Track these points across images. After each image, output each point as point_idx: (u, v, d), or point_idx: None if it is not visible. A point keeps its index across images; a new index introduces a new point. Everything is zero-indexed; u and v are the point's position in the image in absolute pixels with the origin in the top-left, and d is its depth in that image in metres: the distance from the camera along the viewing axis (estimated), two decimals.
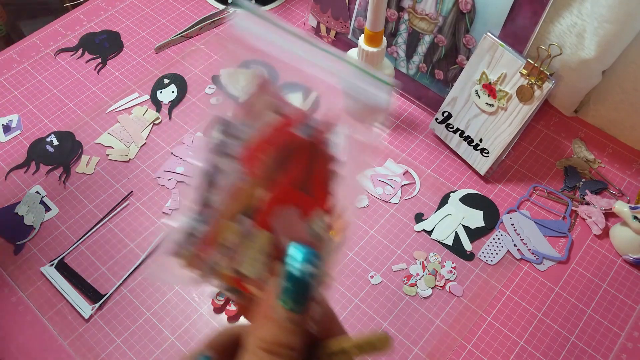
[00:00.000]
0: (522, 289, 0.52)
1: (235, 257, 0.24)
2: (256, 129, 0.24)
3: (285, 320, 0.22)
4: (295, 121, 0.24)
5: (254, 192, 0.23)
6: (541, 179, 0.60)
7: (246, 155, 0.24)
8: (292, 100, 0.26)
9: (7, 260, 0.54)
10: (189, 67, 0.71)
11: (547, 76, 0.52)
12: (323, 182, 0.25)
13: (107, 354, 0.49)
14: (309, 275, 0.22)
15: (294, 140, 0.24)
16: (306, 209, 0.24)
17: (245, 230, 0.24)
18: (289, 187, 0.24)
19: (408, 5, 0.60)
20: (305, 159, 0.24)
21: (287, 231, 0.24)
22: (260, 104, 0.25)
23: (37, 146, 0.63)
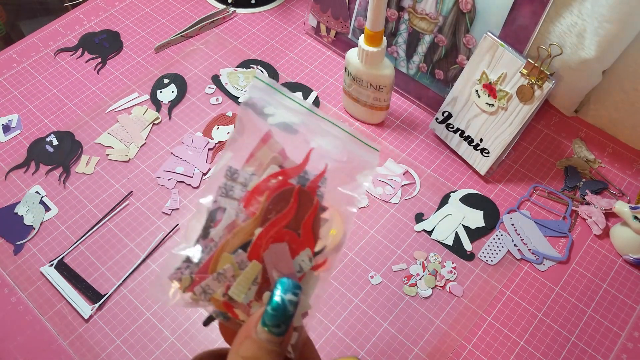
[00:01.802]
0: (522, 289, 0.52)
1: (228, 284, 0.27)
2: (259, 178, 0.29)
3: (265, 341, 0.25)
4: (291, 173, 0.29)
5: (253, 231, 0.27)
6: (541, 179, 0.60)
7: (247, 198, 0.28)
8: (293, 99, 0.31)
9: (7, 260, 0.54)
10: (188, 67, 0.71)
11: (547, 76, 0.51)
12: (311, 225, 0.28)
13: (107, 354, 0.49)
14: (290, 303, 0.25)
15: (289, 189, 0.28)
16: (294, 247, 0.28)
17: (239, 262, 0.27)
18: (281, 227, 0.28)
19: (408, 5, 0.60)
20: (296, 205, 0.28)
21: (276, 265, 0.27)
22: (265, 158, 0.30)
23: (36, 146, 0.63)
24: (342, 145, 0.31)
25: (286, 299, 0.25)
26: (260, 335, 0.25)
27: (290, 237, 0.28)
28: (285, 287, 0.26)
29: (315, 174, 0.29)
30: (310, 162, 0.30)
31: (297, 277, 0.28)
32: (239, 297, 0.27)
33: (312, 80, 0.69)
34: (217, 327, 0.31)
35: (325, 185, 0.30)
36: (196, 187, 0.59)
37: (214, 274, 0.27)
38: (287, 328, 0.25)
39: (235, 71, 0.70)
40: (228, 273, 0.27)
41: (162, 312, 0.51)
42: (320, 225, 0.29)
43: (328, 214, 0.30)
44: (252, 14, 0.78)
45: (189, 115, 0.66)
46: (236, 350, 0.25)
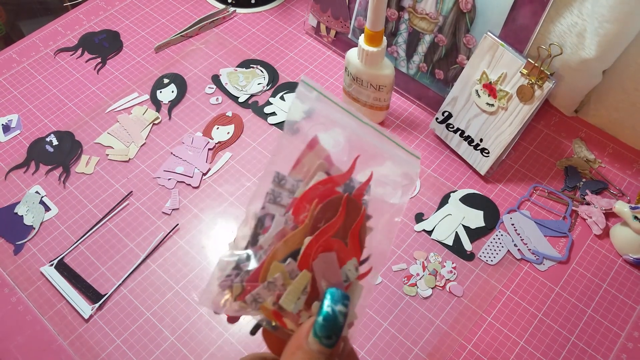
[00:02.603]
0: (522, 289, 0.52)
1: (278, 293, 0.27)
2: (306, 185, 0.29)
3: (317, 352, 0.25)
4: (339, 181, 0.29)
5: (302, 239, 0.27)
6: (541, 178, 0.60)
7: (295, 206, 0.28)
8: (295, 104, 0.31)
9: (7, 260, 0.54)
10: (188, 67, 0.71)
11: (547, 76, 0.51)
12: (358, 233, 0.29)
13: (107, 354, 0.49)
14: (340, 314, 0.25)
15: (337, 197, 0.28)
16: (342, 256, 0.28)
17: (290, 270, 0.27)
18: (330, 235, 0.28)
19: (408, 4, 0.60)
20: (344, 213, 0.28)
21: (324, 274, 0.27)
22: (312, 164, 0.30)
23: (36, 146, 0.63)
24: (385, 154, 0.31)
25: (336, 309, 0.25)
26: (312, 346, 0.25)
27: (338, 246, 0.28)
28: (335, 297, 0.26)
29: (361, 182, 0.30)
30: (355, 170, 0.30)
31: (343, 287, 0.28)
32: (289, 306, 0.27)
33: None
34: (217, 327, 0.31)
35: (370, 193, 0.30)
36: (196, 187, 0.59)
37: (264, 282, 0.27)
38: (337, 339, 0.25)
39: (235, 71, 0.70)
40: (278, 282, 0.27)
41: (162, 312, 0.51)
42: (366, 234, 0.29)
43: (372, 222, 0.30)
44: (252, 14, 0.78)
45: (189, 115, 0.66)
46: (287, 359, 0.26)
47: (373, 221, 0.30)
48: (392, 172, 0.31)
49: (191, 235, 0.56)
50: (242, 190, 0.59)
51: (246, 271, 0.28)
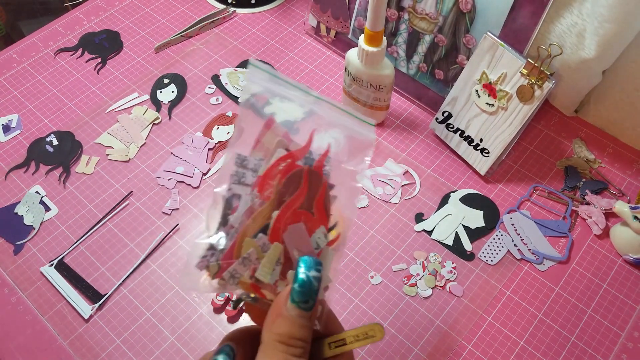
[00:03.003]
0: (522, 289, 0.52)
1: (253, 267, 0.29)
2: (267, 163, 0.30)
3: (297, 317, 0.27)
4: (298, 155, 0.31)
5: (270, 214, 0.29)
6: (541, 179, 0.60)
7: (260, 183, 0.30)
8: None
9: (7, 260, 0.54)
10: (188, 67, 0.71)
11: (547, 76, 0.51)
12: (322, 203, 0.30)
13: (107, 354, 0.49)
14: (315, 279, 0.27)
15: (299, 170, 0.30)
16: (310, 226, 0.29)
17: (262, 245, 0.29)
18: (296, 207, 0.29)
19: (408, 4, 0.60)
20: (307, 185, 0.30)
21: (296, 244, 0.29)
22: (271, 143, 0.31)
23: (36, 146, 0.63)
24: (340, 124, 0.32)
25: (310, 275, 0.27)
26: (291, 312, 0.27)
27: (305, 217, 0.29)
28: (308, 264, 0.28)
29: (320, 154, 0.31)
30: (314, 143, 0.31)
31: (315, 254, 0.29)
32: (266, 278, 0.28)
33: (312, 80, 0.69)
34: (217, 327, 0.31)
35: (330, 163, 0.31)
36: (196, 187, 0.59)
37: (239, 259, 0.29)
38: (314, 302, 0.27)
39: (235, 71, 0.70)
40: (252, 257, 0.29)
41: (162, 312, 0.51)
42: (331, 203, 0.31)
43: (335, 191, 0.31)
44: (252, 14, 0.78)
45: (189, 115, 0.66)
46: (269, 328, 0.27)
47: (336, 189, 0.31)
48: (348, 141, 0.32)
49: (191, 235, 0.56)
50: None
51: (220, 250, 0.29)
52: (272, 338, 0.27)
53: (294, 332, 0.27)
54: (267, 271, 0.29)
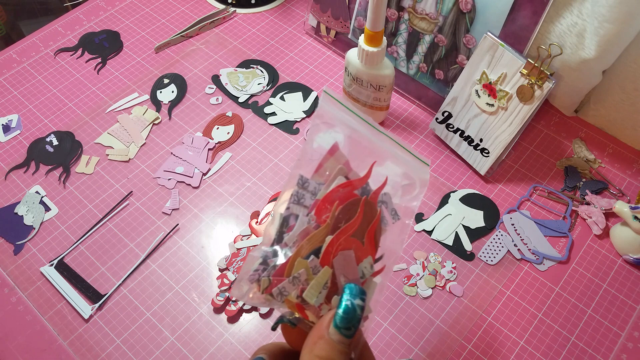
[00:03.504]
0: (522, 289, 0.52)
1: (302, 288, 0.30)
2: (327, 188, 0.32)
3: (337, 342, 0.27)
4: (357, 185, 0.32)
5: (324, 238, 0.30)
6: (541, 178, 0.60)
7: (318, 207, 0.31)
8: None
9: (7, 260, 0.54)
10: (188, 67, 0.71)
11: (547, 76, 0.51)
12: (373, 234, 0.31)
13: (107, 354, 0.49)
14: (359, 307, 0.28)
15: (356, 199, 0.31)
16: (359, 254, 0.30)
17: (313, 267, 0.30)
18: (349, 235, 0.30)
19: (408, 4, 0.60)
20: (362, 215, 0.31)
21: (343, 270, 0.30)
22: (332, 169, 0.32)
23: (36, 146, 0.63)
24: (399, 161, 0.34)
25: (355, 303, 0.28)
26: (333, 337, 0.27)
27: (356, 245, 0.30)
28: (354, 292, 0.28)
29: (377, 187, 0.32)
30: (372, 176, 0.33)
31: (360, 282, 0.30)
32: (312, 299, 0.29)
33: (312, 80, 0.69)
34: (217, 327, 0.32)
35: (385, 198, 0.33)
36: (196, 187, 0.59)
37: (289, 277, 0.30)
38: (355, 330, 0.28)
39: (235, 71, 0.70)
40: (302, 277, 0.30)
41: (162, 312, 0.51)
42: (380, 235, 0.32)
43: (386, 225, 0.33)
44: (252, 14, 0.78)
45: (189, 115, 0.66)
46: (310, 349, 0.28)
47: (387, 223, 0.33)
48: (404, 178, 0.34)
49: (191, 235, 0.56)
50: (242, 190, 0.59)
51: (273, 266, 0.30)
52: (311, 358, 0.27)
53: (333, 356, 0.27)
54: (314, 293, 0.29)
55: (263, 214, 0.56)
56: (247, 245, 0.55)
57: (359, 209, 0.31)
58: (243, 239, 0.55)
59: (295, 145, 0.63)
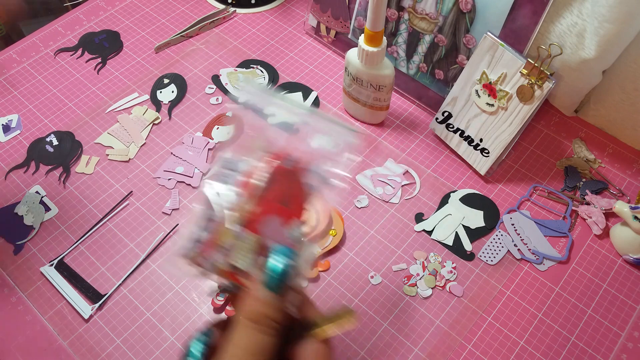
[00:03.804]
0: (522, 289, 0.52)
1: (230, 255, 0.31)
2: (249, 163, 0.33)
3: (267, 298, 0.29)
4: (279, 156, 0.34)
5: (249, 208, 0.32)
6: (541, 178, 0.60)
7: (243, 182, 0.33)
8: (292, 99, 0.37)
9: (7, 260, 0.54)
10: (188, 67, 0.71)
11: (547, 76, 0.51)
12: (298, 198, 0.33)
13: (107, 354, 0.49)
14: (285, 266, 0.29)
15: (279, 169, 0.33)
16: (286, 219, 0.32)
17: (238, 234, 0.31)
18: (273, 202, 0.32)
19: (408, 4, 0.60)
20: (285, 183, 0.33)
21: (271, 235, 0.31)
22: (253, 145, 0.34)
23: (36, 146, 0.63)
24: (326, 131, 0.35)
25: (281, 262, 0.30)
26: (263, 294, 0.29)
27: (281, 211, 0.32)
28: (279, 252, 0.30)
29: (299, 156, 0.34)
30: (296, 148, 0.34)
31: (290, 244, 0.31)
32: (240, 264, 0.31)
33: (312, 80, 0.69)
34: None
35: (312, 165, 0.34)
36: (196, 187, 0.59)
37: (217, 247, 0.32)
38: (284, 288, 0.29)
39: (235, 71, 0.70)
40: (229, 245, 0.31)
41: (162, 312, 0.51)
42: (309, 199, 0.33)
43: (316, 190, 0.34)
44: (252, 14, 0.78)
45: (189, 115, 0.66)
46: (242, 308, 0.29)
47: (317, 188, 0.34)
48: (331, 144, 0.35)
49: None
50: None
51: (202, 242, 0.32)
52: (243, 316, 0.29)
53: (263, 310, 0.29)
54: (241, 258, 0.31)
55: None
56: None
57: (280, 177, 0.33)
58: None
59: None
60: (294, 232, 0.32)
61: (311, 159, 0.34)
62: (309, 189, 0.33)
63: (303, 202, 0.33)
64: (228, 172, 0.34)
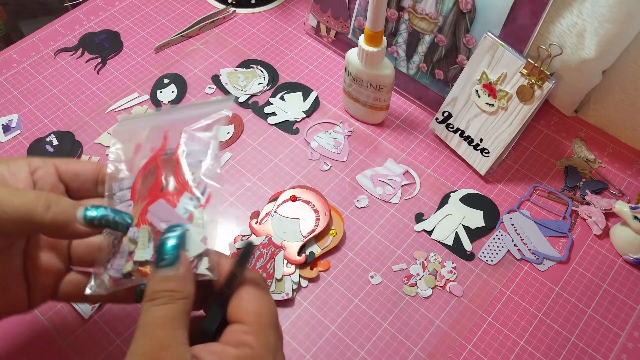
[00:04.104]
0: (522, 289, 0.52)
1: (133, 255, 0.33)
2: (133, 174, 0.37)
3: (164, 276, 0.30)
4: (157, 155, 0.37)
5: (137, 208, 0.35)
6: (541, 178, 0.60)
7: (131, 193, 0.36)
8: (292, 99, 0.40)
9: None
10: (188, 67, 0.71)
11: (547, 76, 0.51)
12: (180, 177, 0.36)
13: (107, 354, 0.49)
14: (168, 238, 0.31)
15: (151, 165, 0.36)
16: (173, 199, 0.34)
17: (133, 235, 0.34)
18: (154, 190, 0.35)
19: (408, 4, 0.60)
20: (166, 169, 0.36)
21: (163, 218, 0.34)
22: (136, 160, 0.37)
23: (36, 146, 0.63)
24: (195, 116, 0.38)
25: (166, 237, 0.31)
26: (158, 275, 0.30)
27: (163, 195, 0.35)
28: (167, 230, 0.32)
29: (175, 146, 0.37)
30: (173, 141, 0.37)
31: (185, 220, 0.34)
32: (143, 257, 0.33)
33: (312, 80, 0.69)
34: None
35: (186, 145, 0.37)
36: None
37: (117, 255, 0.34)
38: (172, 259, 0.31)
39: (235, 71, 0.70)
40: (127, 248, 0.34)
41: None
42: (185, 173, 0.36)
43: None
44: (252, 14, 0.78)
45: None
46: (145, 293, 0.31)
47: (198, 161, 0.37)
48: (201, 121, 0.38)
49: None
50: (242, 190, 0.59)
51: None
52: (143, 301, 0.30)
53: (157, 287, 0.30)
54: (142, 251, 0.33)
55: (263, 214, 0.56)
56: None
57: (157, 169, 0.36)
58: (243, 239, 0.55)
59: (296, 145, 0.63)
60: (188, 205, 0.34)
61: (186, 141, 0.37)
62: (189, 164, 0.36)
63: (185, 177, 0.35)
64: (121, 194, 0.36)
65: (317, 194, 0.56)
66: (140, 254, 0.33)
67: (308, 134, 0.64)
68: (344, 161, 0.62)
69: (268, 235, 0.54)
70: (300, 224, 0.54)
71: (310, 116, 0.66)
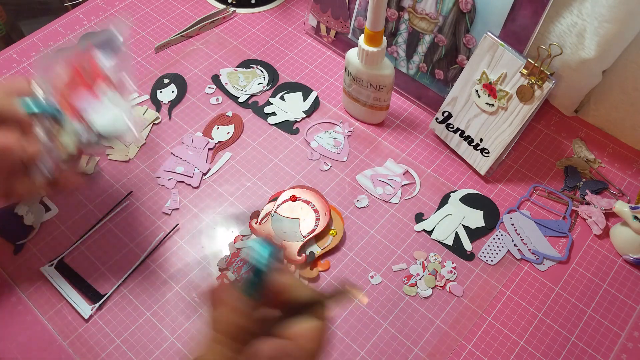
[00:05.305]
0: (522, 289, 0.52)
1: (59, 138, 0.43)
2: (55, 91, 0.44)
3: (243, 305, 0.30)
4: (78, 60, 0.46)
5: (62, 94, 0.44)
6: (541, 178, 0.60)
7: (60, 102, 0.44)
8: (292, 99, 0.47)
9: (7, 260, 0.54)
10: (188, 67, 0.71)
11: (547, 76, 0.51)
12: (99, 73, 0.45)
13: (107, 354, 0.49)
14: (265, 266, 0.31)
15: (74, 72, 0.45)
16: (90, 86, 0.43)
17: (49, 128, 0.43)
18: (74, 85, 0.44)
19: (408, 4, 0.60)
20: (77, 68, 0.45)
21: (87, 107, 0.44)
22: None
23: None
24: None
25: (262, 263, 0.30)
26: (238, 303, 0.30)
27: (85, 87, 0.43)
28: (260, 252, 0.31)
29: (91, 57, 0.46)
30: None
31: (96, 98, 0.42)
32: (70, 147, 0.43)
33: (312, 80, 0.69)
34: None
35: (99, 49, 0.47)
36: (196, 187, 0.59)
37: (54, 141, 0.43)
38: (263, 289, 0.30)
39: (235, 71, 0.70)
40: (54, 144, 0.42)
41: (162, 312, 0.51)
42: (102, 70, 0.45)
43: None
44: (252, 14, 0.78)
45: (189, 115, 0.66)
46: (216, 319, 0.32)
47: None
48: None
49: (191, 235, 0.56)
50: (242, 190, 0.59)
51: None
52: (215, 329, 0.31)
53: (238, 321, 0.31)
54: (68, 139, 0.42)
55: (263, 213, 0.56)
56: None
57: (73, 70, 0.43)
58: (243, 239, 0.55)
59: (296, 145, 0.63)
60: (107, 95, 0.42)
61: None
62: (100, 62, 0.45)
63: (100, 73, 0.44)
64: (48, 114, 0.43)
65: (317, 194, 0.56)
66: (67, 143, 0.42)
67: (308, 134, 0.64)
68: (344, 161, 0.62)
69: (268, 235, 0.54)
70: (300, 224, 0.54)
71: (310, 116, 0.66)
